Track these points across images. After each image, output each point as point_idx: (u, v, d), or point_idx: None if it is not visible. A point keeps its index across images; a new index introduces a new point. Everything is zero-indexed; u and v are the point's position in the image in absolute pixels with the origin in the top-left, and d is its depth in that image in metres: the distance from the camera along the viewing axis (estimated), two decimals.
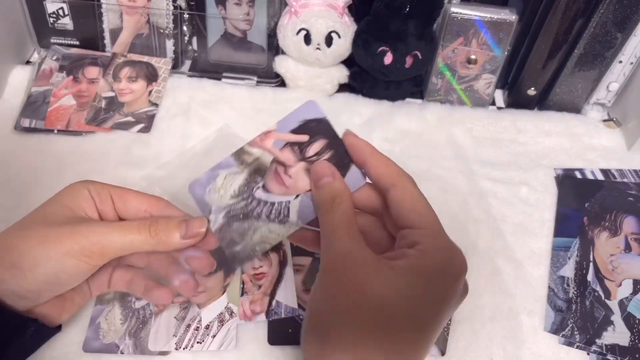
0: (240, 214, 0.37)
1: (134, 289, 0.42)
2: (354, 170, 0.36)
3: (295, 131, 0.38)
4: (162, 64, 0.65)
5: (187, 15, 0.64)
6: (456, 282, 0.30)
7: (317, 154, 0.37)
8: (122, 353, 0.44)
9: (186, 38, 0.66)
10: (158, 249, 0.37)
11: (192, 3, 0.63)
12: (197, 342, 0.45)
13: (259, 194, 0.37)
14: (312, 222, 0.36)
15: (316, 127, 0.38)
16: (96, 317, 0.45)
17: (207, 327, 0.46)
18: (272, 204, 0.37)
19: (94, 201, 0.38)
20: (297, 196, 0.37)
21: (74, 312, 0.40)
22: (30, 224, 0.36)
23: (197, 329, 0.45)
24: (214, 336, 0.45)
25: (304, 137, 0.38)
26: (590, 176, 0.59)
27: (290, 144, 0.37)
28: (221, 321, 0.46)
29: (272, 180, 0.37)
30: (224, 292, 0.47)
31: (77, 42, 0.66)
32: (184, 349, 0.44)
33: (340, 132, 0.37)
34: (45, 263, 0.35)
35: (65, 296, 0.39)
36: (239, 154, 0.38)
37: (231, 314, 0.46)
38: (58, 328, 0.40)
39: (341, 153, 0.37)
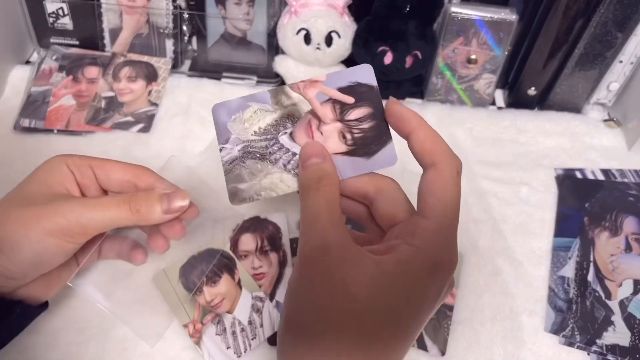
0: (257, 153, 0.35)
1: (122, 257, 0.40)
2: (389, 148, 0.35)
3: (342, 90, 0.35)
4: (162, 64, 0.65)
5: (187, 15, 0.64)
6: (443, 283, 0.28)
7: (358, 120, 0.35)
8: None
9: (186, 38, 0.66)
10: (140, 224, 0.36)
11: (192, 3, 0.63)
12: (252, 339, 0.45)
13: (284, 140, 0.35)
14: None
15: (365, 93, 0.35)
16: None
17: (250, 322, 0.46)
18: (294, 154, 0.35)
19: (74, 175, 0.37)
20: None
21: (60, 287, 0.40)
22: (9, 205, 0.35)
23: (242, 330, 0.46)
24: (261, 326, 0.46)
25: (350, 99, 0.35)
26: (590, 176, 0.59)
27: (333, 101, 0.35)
28: (258, 310, 0.46)
29: (302, 130, 0.35)
30: (241, 288, 0.48)
31: (77, 42, 0.66)
32: (244, 352, 0.45)
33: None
34: (26, 245, 0.34)
35: (51, 273, 0.37)
36: (277, 93, 0.36)
37: (261, 299, 0.47)
38: (45, 305, 0.39)
39: (382, 127, 0.35)
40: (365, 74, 0.36)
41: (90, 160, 0.37)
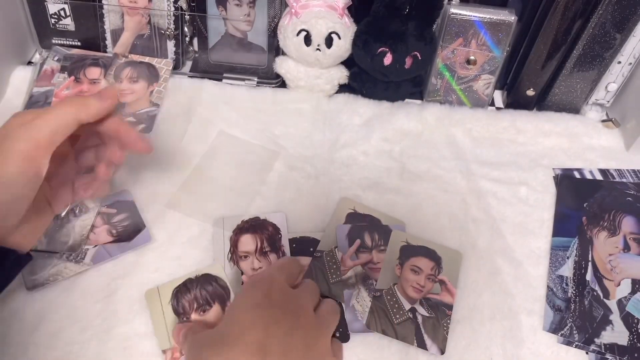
0: None
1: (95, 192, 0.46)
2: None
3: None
4: (163, 65, 0.65)
5: (188, 16, 0.64)
6: (266, 286, 0.42)
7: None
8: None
9: (187, 39, 0.66)
10: (84, 118, 0.41)
11: (193, 4, 0.63)
12: None
13: None
14: None
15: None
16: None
17: None
18: None
19: None
20: None
21: (40, 235, 0.44)
22: None
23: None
24: None
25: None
26: (589, 176, 0.59)
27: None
28: None
29: None
30: None
31: (79, 43, 0.66)
32: None
33: None
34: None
35: (30, 222, 0.41)
36: None
37: None
38: (30, 256, 0.42)
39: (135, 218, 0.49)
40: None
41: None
